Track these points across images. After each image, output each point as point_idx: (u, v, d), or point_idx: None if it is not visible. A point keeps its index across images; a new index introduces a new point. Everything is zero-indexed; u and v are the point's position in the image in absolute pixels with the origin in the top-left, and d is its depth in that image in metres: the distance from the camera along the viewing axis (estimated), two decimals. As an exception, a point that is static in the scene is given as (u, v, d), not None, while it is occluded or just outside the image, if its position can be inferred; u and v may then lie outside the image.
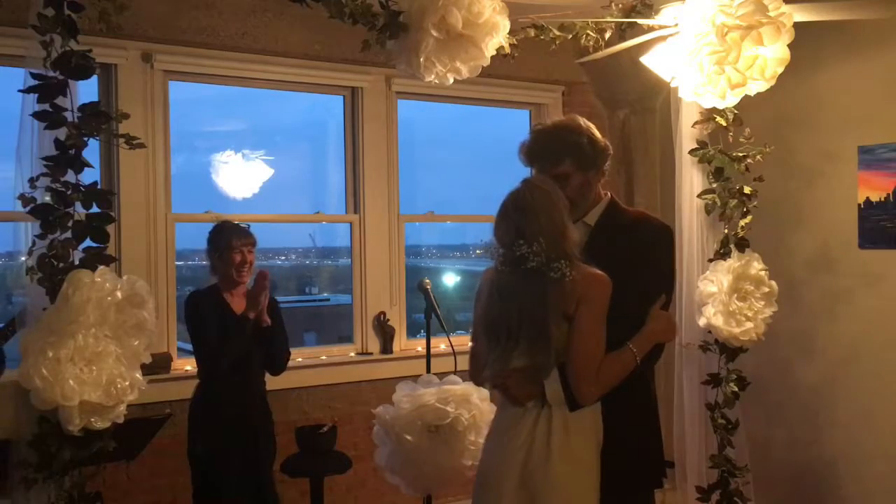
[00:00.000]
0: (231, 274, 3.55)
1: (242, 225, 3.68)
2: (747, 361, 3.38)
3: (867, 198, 3.98)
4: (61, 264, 2.30)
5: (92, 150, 2.39)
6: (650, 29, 3.18)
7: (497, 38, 2.95)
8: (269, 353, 3.60)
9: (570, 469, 2.27)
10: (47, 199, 2.32)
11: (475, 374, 2.50)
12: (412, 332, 4.89)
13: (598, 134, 2.55)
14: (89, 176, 2.39)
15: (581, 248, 2.45)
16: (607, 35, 3.33)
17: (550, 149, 2.50)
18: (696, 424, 3.41)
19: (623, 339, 2.34)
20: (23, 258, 2.39)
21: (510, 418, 2.36)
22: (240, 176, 4.62)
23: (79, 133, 2.33)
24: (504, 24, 2.96)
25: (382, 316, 4.72)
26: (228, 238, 3.54)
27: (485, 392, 3.35)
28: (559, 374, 2.27)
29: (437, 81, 2.97)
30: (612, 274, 2.30)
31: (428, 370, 3.50)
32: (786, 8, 2.89)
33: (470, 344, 2.54)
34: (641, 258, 2.44)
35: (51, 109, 2.32)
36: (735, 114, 3.29)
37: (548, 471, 2.26)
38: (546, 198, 2.31)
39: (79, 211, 2.35)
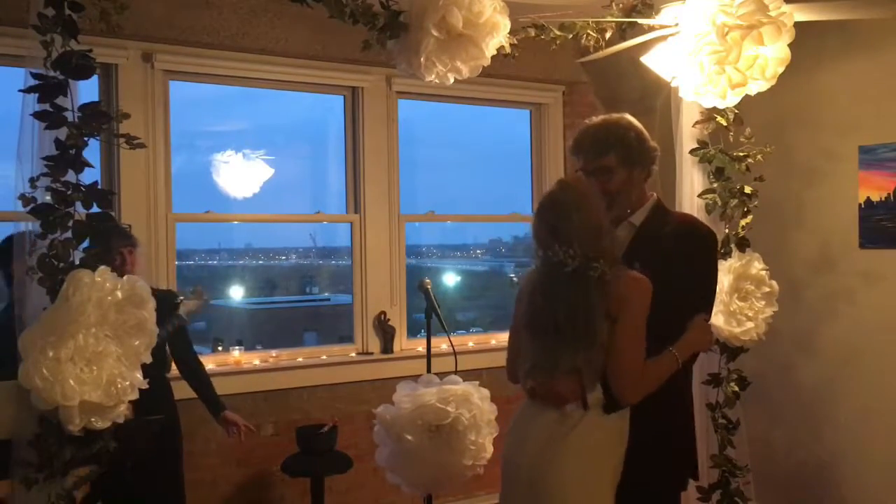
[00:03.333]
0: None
1: (123, 225, 3.54)
2: (748, 361, 3.38)
3: (868, 197, 3.98)
4: (61, 264, 2.30)
5: (92, 150, 2.39)
6: (651, 29, 3.18)
7: (498, 37, 2.95)
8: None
9: (582, 472, 2.26)
10: (48, 199, 2.32)
11: (513, 369, 2.49)
12: (413, 331, 4.88)
13: (647, 134, 2.56)
14: (90, 176, 2.38)
15: (625, 248, 2.46)
16: (608, 35, 3.33)
17: (597, 140, 2.53)
18: (697, 424, 3.41)
19: (662, 341, 2.33)
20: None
21: (532, 414, 2.36)
22: (240, 176, 4.62)
23: (79, 133, 2.33)
24: (504, 24, 2.96)
25: (383, 316, 4.72)
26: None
27: (485, 392, 3.35)
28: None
29: (437, 81, 2.97)
30: (655, 276, 2.29)
31: (428, 370, 3.50)
32: (786, 7, 2.89)
33: (508, 340, 2.55)
34: (687, 265, 2.44)
35: (51, 109, 2.32)
36: (736, 113, 3.29)
37: (558, 471, 2.26)
38: (579, 195, 2.31)
39: (79, 211, 2.35)
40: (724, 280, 3.21)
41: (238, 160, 4.64)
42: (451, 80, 2.98)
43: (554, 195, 2.35)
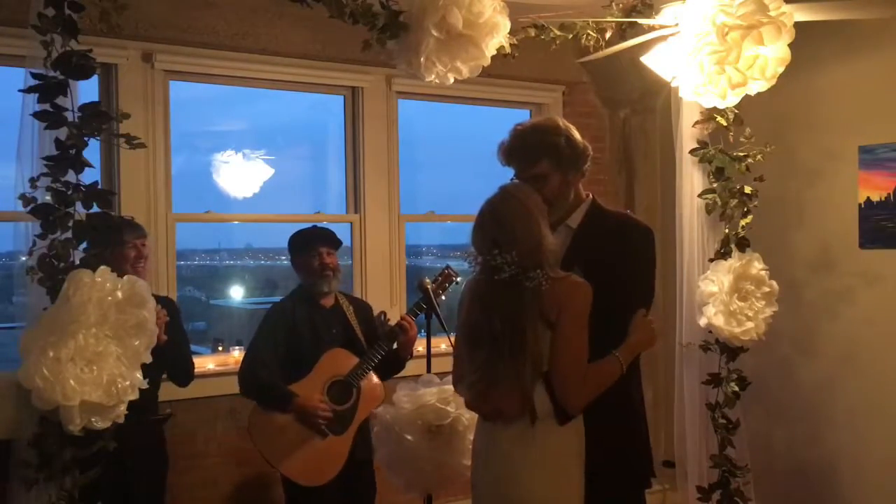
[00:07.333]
0: (127, 271, 3.08)
1: (127, 217, 3.48)
2: (748, 361, 3.38)
3: (868, 197, 3.99)
4: (62, 264, 2.30)
5: (92, 150, 2.39)
6: (651, 29, 3.18)
7: (497, 37, 2.95)
8: (166, 365, 3.28)
9: (548, 487, 2.25)
10: (48, 198, 2.33)
11: (456, 381, 2.51)
12: (412, 332, 4.87)
13: (576, 135, 2.53)
14: (90, 176, 2.39)
15: (563, 252, 2.44)
16: (608, 35, 3.33)
17: (527, 149, 2.50)
18: (697, 424, 3.41)
19: (606, 343, 2.32)
20: (23, 258, 2.40)
21: (490, 435, 2.35)
22: (240, 175, 4.61)
23: (79, 133, 2.33)
24: (504, 24, 2.96)
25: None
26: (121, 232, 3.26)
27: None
28: (545, 386, 2.24)
29: (437, 81, 2.97)
30: (596, 278, 2.28)
31: (428, 370, 3.50)
32: (786, 8, 2.89)
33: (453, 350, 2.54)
34: (627, 263, 2.44)
35: (51, 109, 2.33)
36: (735, 113, 3.29)
37: (525, 490, 2.24)
38: (521, 208, 2.30)
39: (79, 211, 2.36)
40: (725, 280, 3.21)
41: (238, 160, 4.64)
42: (451, 80, 2.98)
43: (495, 206, 2.34)
